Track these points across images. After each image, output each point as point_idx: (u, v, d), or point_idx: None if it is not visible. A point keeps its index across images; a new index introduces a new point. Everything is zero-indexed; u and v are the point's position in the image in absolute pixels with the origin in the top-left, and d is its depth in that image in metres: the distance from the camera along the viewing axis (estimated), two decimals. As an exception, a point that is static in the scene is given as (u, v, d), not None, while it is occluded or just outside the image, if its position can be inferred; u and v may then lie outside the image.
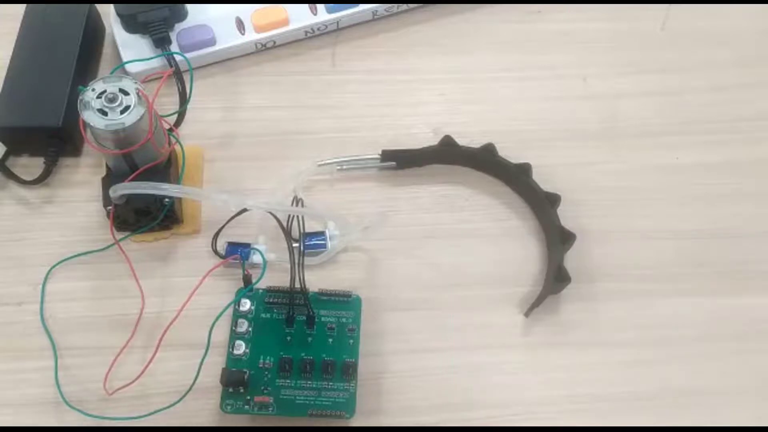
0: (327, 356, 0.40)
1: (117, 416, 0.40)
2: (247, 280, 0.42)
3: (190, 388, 0.39)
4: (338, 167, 0.47)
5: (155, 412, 0.39)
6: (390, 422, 0.41)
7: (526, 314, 0.44)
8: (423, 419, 0.41)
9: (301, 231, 0.43)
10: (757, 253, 0.47)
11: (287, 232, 0.43)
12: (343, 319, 0.42)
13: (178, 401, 0.39)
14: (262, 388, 0.40)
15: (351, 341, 0.41)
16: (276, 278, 0.42)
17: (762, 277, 0.46)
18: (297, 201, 0.45)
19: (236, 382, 0.39)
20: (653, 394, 0.42)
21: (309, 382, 0.40)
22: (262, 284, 0.41)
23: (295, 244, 0.42)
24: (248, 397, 0.39)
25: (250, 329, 0.41)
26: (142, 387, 0.40)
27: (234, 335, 0.41)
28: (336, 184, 0.48)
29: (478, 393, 0.42)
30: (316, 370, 0.40)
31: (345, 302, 0.42)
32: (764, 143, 0.50)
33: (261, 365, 0.40)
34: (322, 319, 0.42)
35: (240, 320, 0.41)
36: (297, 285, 0.40)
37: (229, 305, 0.40)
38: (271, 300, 0.42)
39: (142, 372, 0.39)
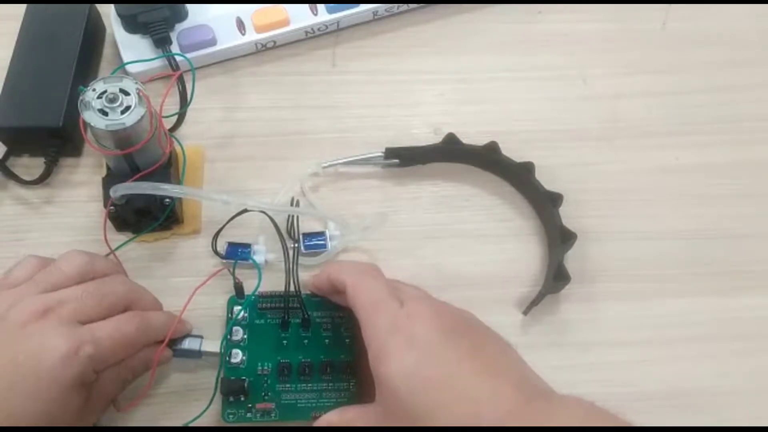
0: (324, 357, 0.40)
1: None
2: (238, 289, 0.41)
3: (190, 390, 0.39)
4: (341, 166, 0.47)
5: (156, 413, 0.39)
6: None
7: (525, 312, 0.44)
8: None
9: (296, 231, 0.43)
10: (757, 253, 0.47)
11: (281, 234, 0.42)
12: (338, 320, 0.42)
13: (180, 404, 0.39)
14: (263, 394, 0.39)
15: (348, 341, 0.41)
16: (274, 278, 0.42)
17: (762, 277, 0.46)
18: (295, 201, 0.45)
19: (236, 391, 0.38)
20: (653, 394, 0.42)
21: (309, 385, 0.40)
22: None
23: (295, 245, 0.41)
24: (250, 405, 0.39)
25: (245, 336, 0.41)
26: (142, 387, 0.40)
27: (229, 344, 0.40)
28: (337, 183, 0.48)
29: (479, 393, 0.42)
30: (315, 371, 0.40)
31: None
32: (764, 143, 0.50)
33: (260, 372, 0.40)
34: (317, 320, 0.41)
35: (234, 328, 0.40)
36: (290, 288, 0.40)
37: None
38: (263, 305, 0.41)
39: (146, 390, 0.39)
